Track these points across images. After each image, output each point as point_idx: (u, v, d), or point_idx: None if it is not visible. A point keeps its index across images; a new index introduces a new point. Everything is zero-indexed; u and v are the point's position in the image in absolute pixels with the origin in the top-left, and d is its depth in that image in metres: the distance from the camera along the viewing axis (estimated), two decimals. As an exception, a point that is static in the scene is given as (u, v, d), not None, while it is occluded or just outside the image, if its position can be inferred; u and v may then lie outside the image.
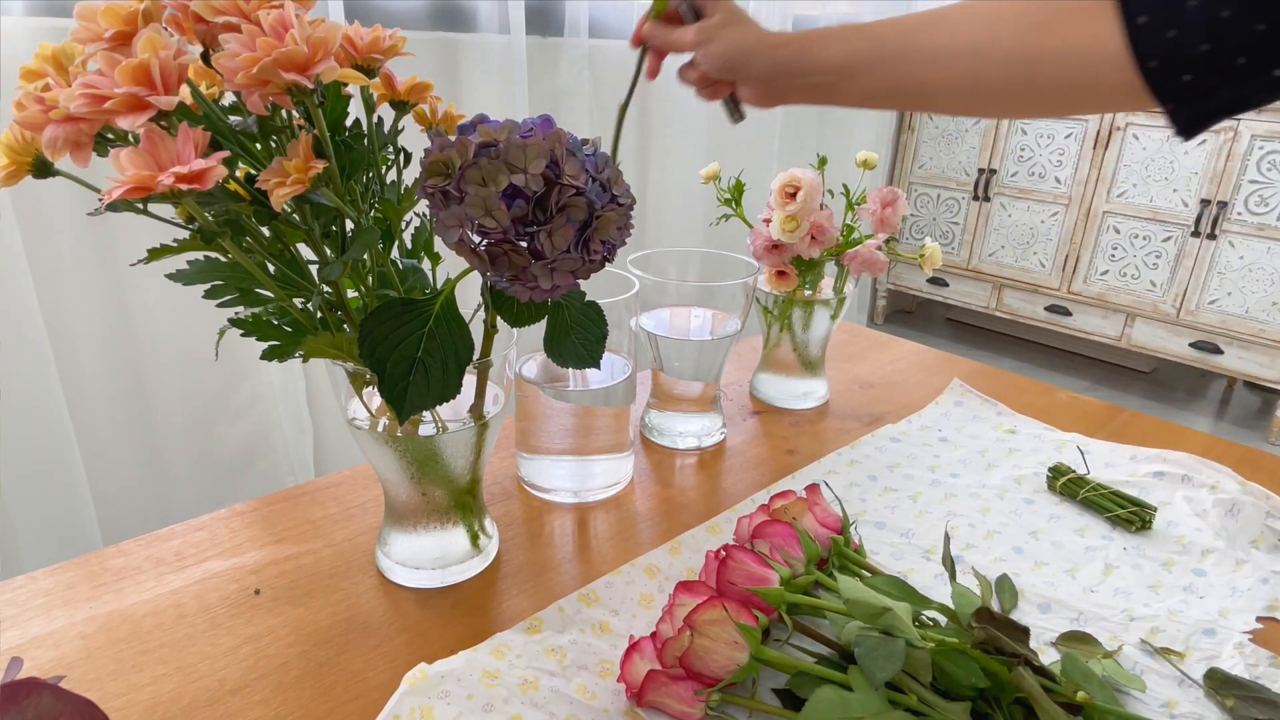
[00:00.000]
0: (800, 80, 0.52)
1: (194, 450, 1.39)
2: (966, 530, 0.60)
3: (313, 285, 0.45)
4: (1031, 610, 0.52)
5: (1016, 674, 0.40)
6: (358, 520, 0.60)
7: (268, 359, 0.45)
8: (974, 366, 0.91)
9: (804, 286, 0.76)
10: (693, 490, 0.66)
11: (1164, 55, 0.40)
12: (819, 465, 0.69)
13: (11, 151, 0.36)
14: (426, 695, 0.42)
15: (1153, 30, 0.40)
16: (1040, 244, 2.55)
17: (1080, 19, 0.43)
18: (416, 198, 0.41)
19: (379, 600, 0.51)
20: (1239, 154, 2.12)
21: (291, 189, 0.37)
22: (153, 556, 0.55)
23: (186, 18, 0.38)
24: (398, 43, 0.43)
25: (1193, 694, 0.45)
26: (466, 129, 0.38)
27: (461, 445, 0.50)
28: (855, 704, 0.38)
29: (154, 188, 0.33)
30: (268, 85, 0.36)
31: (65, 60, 0.37)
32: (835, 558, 0.51)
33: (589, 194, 0.38)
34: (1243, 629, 0.50)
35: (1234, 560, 0.56)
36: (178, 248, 0.41)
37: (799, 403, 0.81)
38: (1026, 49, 0.44)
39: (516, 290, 0.40)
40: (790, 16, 2.14)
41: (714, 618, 0.41)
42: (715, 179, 0.77)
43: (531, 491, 0.64)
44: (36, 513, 1.19)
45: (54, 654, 0.46)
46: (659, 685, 0.42)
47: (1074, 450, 0.71)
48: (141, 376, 1.31)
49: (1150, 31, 0.40)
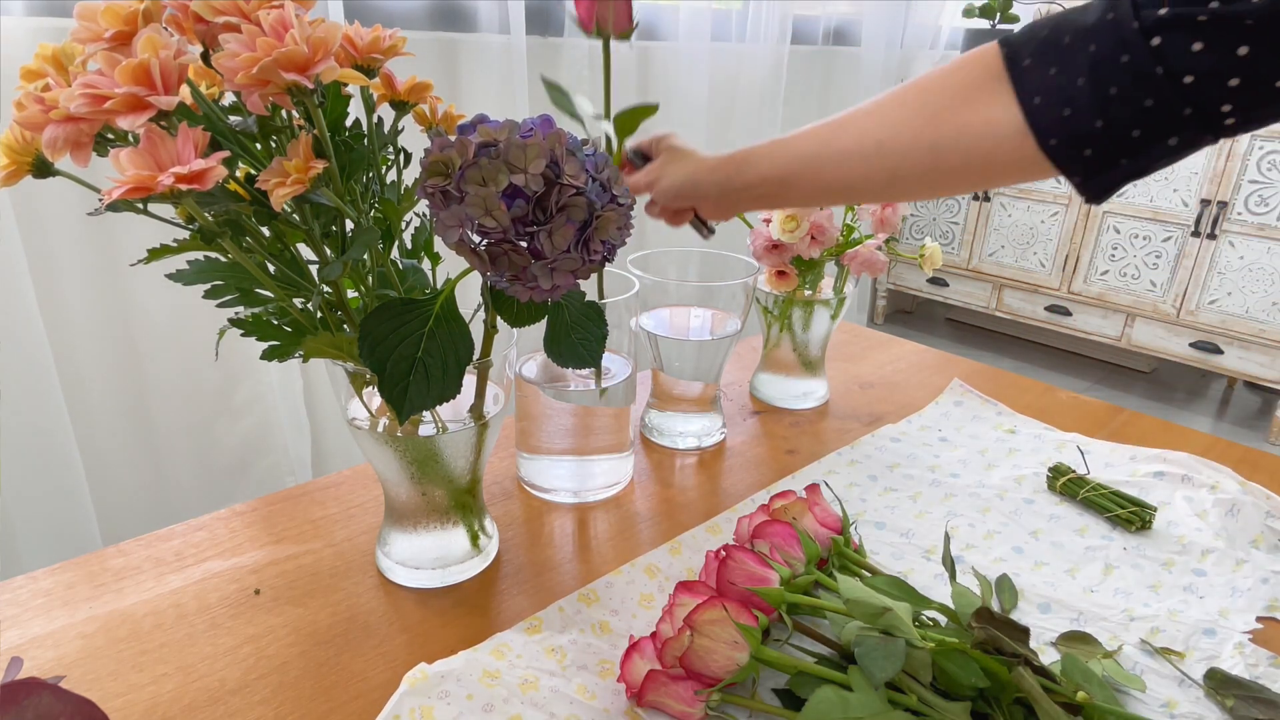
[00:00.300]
0: (744, 194, 0.56)
1: (194, 450, 1.39)
2: (966, 530, 0.60)
3: (313, 285, 0.45)
4: (1031, 610, 0.52)
5: (1016, 674, 0.40)
6: (358, 520, 0.60)
7: (268, 359, 0.45)
8: (974, 366, 0.91)
9: (804, 286, 0.76)
10: (693, 490, 0.66)
11: (1062, 133, 0.42)
12: (819, 465, 0.69)
13: (11, 151, 0.36)
14: (426, 695, 0.42)
15: (1048, 109, 0.42)
16: (1040, 244, 2.55)
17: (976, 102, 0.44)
18: (416, 198, 0.41)
19: (379, 600, 0.51)
20: (1239, 154, 2.12)
21: (291, 189, 0.37)
22: (153, 556, 0.55)
23: (186, 18, 0.38)
24: (398, 43, 0.43)
25: (1193, 694, 0.45)
26: (466, 129, 0.38)
27: (461, 445, 0.50)
28: (855, 704, 0.38)
29: (154, 188, 0.33)
30: (268, 85, 0.36)
31: (65, 60, 0.37)
32: (835, 558, 0.51)
33: (589, 194, 0.38)
34: (1243, 629, 0.50)
35: (1234, 560, 0.56)
36: (178, 248, 0.41)
37: (799, 403, 0.81)
38: (927, 139, 0.46)
39: (516, 290, 0.40)
40: (790, 16, 2.14)
41: (714, 618, 0.41)
42: (715, 179, 0.77)
43: (531, 491, 0.64)
44: (36, 513, 1.19)
45: (54, 654, 0.46)
46: (659, 685, 0.42)
47: (1074, 450, 0.71)
48: (141, 376, 1.31)
49: (1046, 111, 0.42)
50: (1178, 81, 0.38)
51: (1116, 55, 0.39)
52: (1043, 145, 0.42)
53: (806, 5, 2.34)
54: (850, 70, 2.47)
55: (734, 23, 2.10)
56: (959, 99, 0.45)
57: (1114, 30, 0.39)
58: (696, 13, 1.91)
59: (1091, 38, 0.40)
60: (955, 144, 0.45)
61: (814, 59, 2.38)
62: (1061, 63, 0.41)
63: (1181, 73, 0.37)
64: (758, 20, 2.09)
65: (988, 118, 0.44)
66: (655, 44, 1.91)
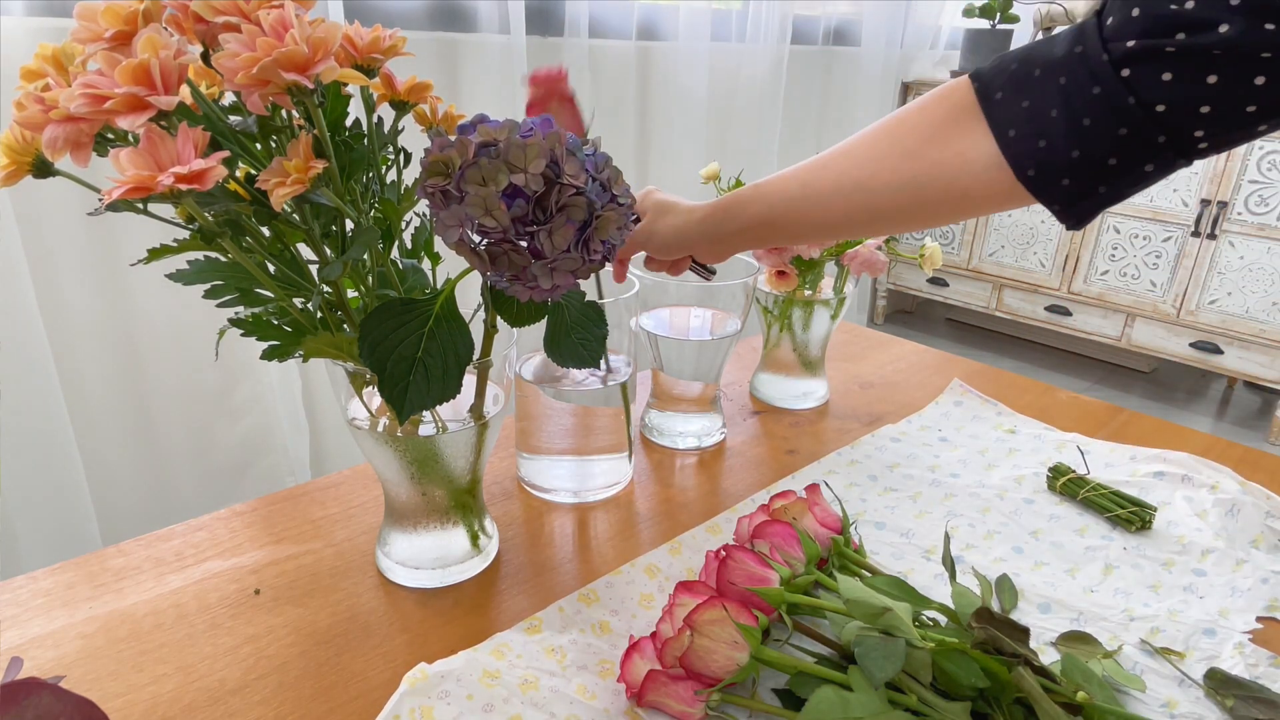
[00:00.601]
0: (735, 238, 0.57)
1: (194, 450, 1.39)
2: (966, 530, 0.60)
3: (313, 285, 0.45)
4: (1031, 610, 0.52)
5: (1016, 674, 0.40)
6: (358, 520, 0.60)
7: (268, 359, 0.45)
8: (974, 366, 0.91)
9: (804, 286, 0.76)
10: (693, 490, 0.66)
11: (1038, 164, 0.42)
12: (819, 465, 0.69)
13: (11, 151, 0.36)
14: (426, 695, 0.42)
15: (1023, 141, 0.43)
16: (1040, 244, 2.55)
17: (950, 137, 0.45)
18: (416, 198, 0.41)
19: (379, 600, 0.51)
20: (1239, 154, 2.12)
21: (291, 189, 0.37)
22: (153, 556, 0.55)
23: (186, 18, 0.38)
24: (398, 43, 0.43)
25: (1193, 694, 0.45)
26: (466, 129, 0.38)
27: (461, 445, 0.50)
28: (855, 704, 0.38)
29: (154, 188, 0.33)
30: (268, 85, 0.36)
31: (65, 60, 0.37)
32: (835, 558, 0.51)
33: (589, 194, 0.38)
34: (1243, 629, 0.50)
35: (1234, 560, 0.56)
36: (178, 248, 0.41)
37: (799, 403, 0.81)
38: (905, 176, 0.47)
39: (516, 290, 0.40)
40: (790, 16, 2.14)
41: (714, 618, 0.41)
42: (715, 179, 0.77)
43: (531, 491, 0.64)
44: (36, 513, 1.19)
45: (54, 654, 0.46)
46: (659, 685, 0.42)
47: (1074, 450, 0.71)
48: (141, 376, 1.31)
49: (1021, 143, 0.43)
50: (1150, 110, 0.38)
51: (1088, 87, 0.40)
52: (1020, 176, 0.43)
53: (806, 5, 2.34)
54: (850, 70, 2.47)
55: (734, 23, 2.10)
56: (933, 135, 0.46)
57: (1083, 63, 0.40)
58: (696, 13, 1.91)
59: (1061, 70, 0.41)
60: (933, 179, 0.46)
61: (814, 59, 2.38)
62: (1033, 95, 0.42)
63: (1153, 102, 0.38)
64: (758, 20, 2.10)
65: (963, 151, 0.45)
66: (655, 44, 1.91)
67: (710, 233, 0.57)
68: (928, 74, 2.68)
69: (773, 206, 0.54)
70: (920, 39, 2.65)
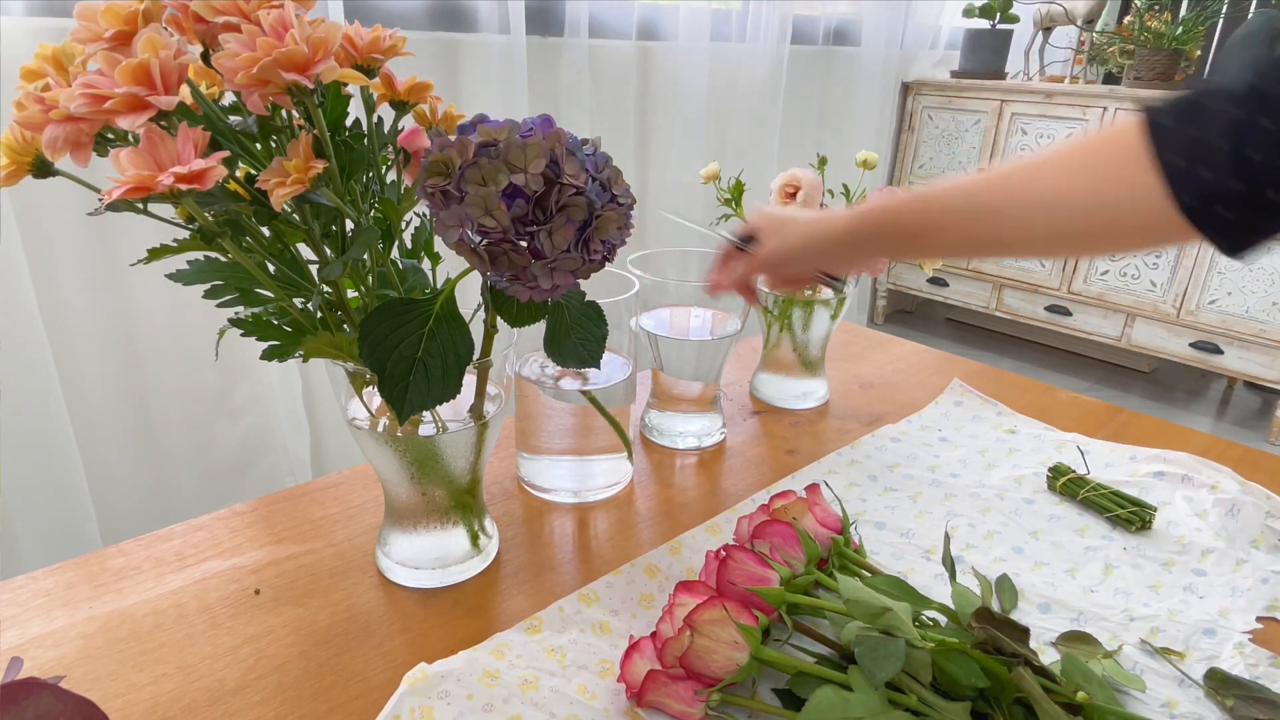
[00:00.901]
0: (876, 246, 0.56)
1: (194, 450, 1.39)
2: (966, 530, 0.60)
3: (313, 285, 0.45)
4: (1031, 610, 0.52)
5: (1016, 674, 0.40)
6: (358, 520, 0.60)
7: (268, 359, 0.45)
8: (974, 366, 0.91)
9: (804, 286, 0.76)
10: (693, 490, 0.66)
11: (1200, 195, 0.43)
12: (819, 465, 0.69)
13: (11, 151, 0.36)
14: (426, 695, 0.42)
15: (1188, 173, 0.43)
16: (1040, 244, 2.55)
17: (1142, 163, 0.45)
18: (416, 198, 0.41)
19: (379, 600, 0.51)
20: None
21: (291, 189, 0.37)
22: (153, 556, 0.55)
23: (186, 18, 0.38)
24: (398, 43, 0.43)
25: (1193, 694, 0.45)
26: (466, 129, 0.38)
27: (461, 445, 0.50)
28: (855, 704, 0.38)
29: (154, 188, 0.33)
30: (268, 85, 0.36)
31: (65, 60, 0.37)
32: (835, 558, 0.51)
33: (589, 194, 0.38)
34: (1243, 629, 0.50)
35: (1234, 560, 0.56)
36: (178, 248, 0.41)
37: (799, 403, 0.81)
38: (1100, 197, 0.46)
39: (516, 290, 0.40)
40: (790, 16, 2.14)
41: (714, 618, 0.41)
42: (715, 179, 0.77)
43: (531, 491, 0.64)
44: (36, 513, 1.19)
45: (54, 654, 0.46)
46: (659, 685, 0.42)
47: (1074, 450, 0.71)
48: (141, 376, 1.31)
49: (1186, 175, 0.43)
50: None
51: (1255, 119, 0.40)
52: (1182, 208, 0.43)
53: (806, 5, 2.34)
54: (850, 70, 2.47)
55: (734, 23, 2.10)
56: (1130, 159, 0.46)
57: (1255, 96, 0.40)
58: (696, 13, 1.91)
59: (1234, 103, 0.41)
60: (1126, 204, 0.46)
61: (814, 59, 2.38)
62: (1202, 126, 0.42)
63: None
64: (758, 20, 2.10)
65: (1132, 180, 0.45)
66: (655, 44, 1.91)
67: (857, 242, 0.56)
68: (928, 74, 2.68)
69: (935, 218, 0.53)
70: (920, 39, 2.65)
